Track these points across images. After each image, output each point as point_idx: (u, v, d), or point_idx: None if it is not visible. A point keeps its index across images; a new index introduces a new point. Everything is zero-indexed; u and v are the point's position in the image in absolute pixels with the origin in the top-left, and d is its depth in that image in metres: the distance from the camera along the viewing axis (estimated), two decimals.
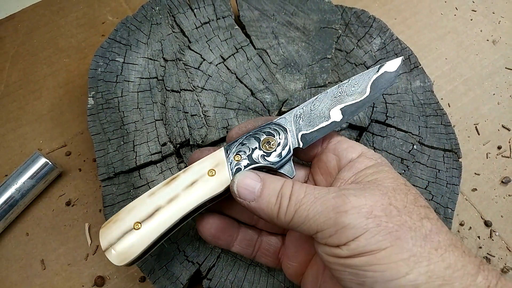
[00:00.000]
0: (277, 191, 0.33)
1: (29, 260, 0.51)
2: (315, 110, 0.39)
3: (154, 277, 0.44)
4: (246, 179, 0.34)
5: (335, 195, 0.30)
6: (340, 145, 0.38)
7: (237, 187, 0.34)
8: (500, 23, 0.68)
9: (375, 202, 0.29)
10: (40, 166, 0.52)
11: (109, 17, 0.67)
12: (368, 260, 0.28)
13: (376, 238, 0.28)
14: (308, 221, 0.31)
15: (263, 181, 0.34)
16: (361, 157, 0.36)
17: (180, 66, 0.53)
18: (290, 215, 0.32)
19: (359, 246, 0.28)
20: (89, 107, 0.51)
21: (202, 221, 0.39)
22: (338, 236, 0.29)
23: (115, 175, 0.48)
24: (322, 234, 0.30)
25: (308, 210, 0.31)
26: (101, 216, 0.53)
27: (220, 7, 0.56)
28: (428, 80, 0.54)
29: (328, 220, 0.29)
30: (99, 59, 0.53)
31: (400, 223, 0.28)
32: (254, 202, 0.34)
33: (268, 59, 0.54)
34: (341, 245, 0.29)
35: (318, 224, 0.30)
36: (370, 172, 0.33)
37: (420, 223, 0.29)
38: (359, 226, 0.28)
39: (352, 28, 0.57)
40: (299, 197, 0.32)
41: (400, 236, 0.28)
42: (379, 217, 0.29)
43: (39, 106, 0.60)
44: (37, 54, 0.64)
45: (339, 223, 0.29)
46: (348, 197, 0.30)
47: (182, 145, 0.50)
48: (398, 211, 0.29)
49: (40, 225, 0.53)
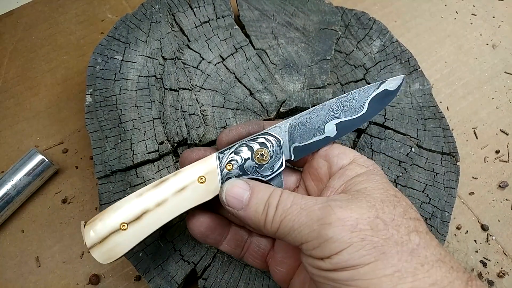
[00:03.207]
0: (265, 201, 0.33)
1: (24, 257, 0.51)
2: (310, 122, 0.38)
3: (149, 276, 0.44)
4: (234, 187, 0.34)
5: (321, 206, 0.30)
6: (332, 151, 0.37)
7: (226, 195, 0.34)
8: (500, 27, 0.68)
9: (361, 214, 0.29)
10: (36, 163, 0.51)
11: (108, 14, 0.67)
12: (351, 275, 0.27)
13: (360, 252, 0.27)
14: (293, 232, 0.30)
15: (251, 190, 0.34)
16: (353, 164, 0.35)
17: (179, 65, 0.53)
18: (276, 225, 0.31)
19: (341, 260, 0.28)
20: (87, 104, 0.50)
21: (192, 219, 0.38)
22: (322, 249, 0.28)
23: (112, 173, 0.47)
24: (306, 246, 0.30)
25: (293, 221, 0.30)
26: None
27: (220, 7, 0.56)
28: (427, 83, 0.54)
29: (312, 232, 0.29)
30: (98, 56, 0.52)
31: (386, 237, 0.28)
32: (242, 211, 0.33)
33: (268, 60, 0.54)
34: (324, 258, 0.29)
35: (303, 235, 0.30)
36: (360, 180, 0.33)
37: (408, 237, 0.28)
38: (342, 240, 0.28)
39: (352, 30, 0.57)
40: (285, 207, 0.31)
41: (385, 250, 0.27)
42: (364, 230, 0.28)
43: (36, 102, 0.60)
44: (35, 51, 0.64)
45: (322, 235, 0.28)
46: (334, 208, 0.29)
47: (180, 144, 0.49)
48: (385, 224, 0.29)
49: (36, 222, 0.53)
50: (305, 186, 0.40)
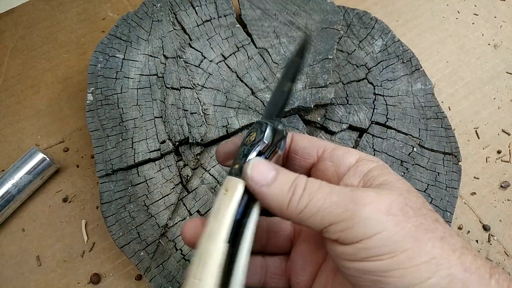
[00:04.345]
0: (291, 180, 0.32)
1: (25, 256, 0.51)
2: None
3: (150, 275, 0.44)
4: (261, 164, 0.33)
5: (353, 189, 0.29)
6: (336, 152, 0.36)
7: (251, 169, 0.32)
8: (501, 27, 0.67)
9: (393, 201, 0.28)
10: (37, 161, 0.51)
11: (109, 13, 0.67)
12: (387, 264, 0.26)
13: (394, 238, 0.26)
14: (322, 211, 0.29)
15: (277, 170, 0.33)
16: (361, 161, 0.35)
17: (180, 64, 0.52)
18: (302, 204, 0.30)
19: (376, 245, 0.26)
20: (88, 103, 0.50)
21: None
22: (354, 230, 0.27)
23: (113, 172, 0.47)
24: (336, 227, 0.28)
25: (324, 200, 0.29)
26: (98, 213, 0.52)
27: (222, 5, 0.56)
28: (429, 83, 0.54)
29: (345, 212, 0.28)
30: (99, 55, 0.52)
31: (417, 223, 0.27)
32: (266, 187, 0.32)
33: (269, 59, 0.53)
34: (355, 242, 0.27)
35: (333, 215, 0.28)
36: (376, 174, 0.32)
37: (434, 226, 0.28)
38: (377, 222, 0.27)
39: (354, 29, 0.57)
40: (314, 187, 0.30)
41: (418, 237, 0.26)
42: (398, 216, 0.27)
43: (37, 101, 0.60)
44: (36, 49, 0.64)
45: (357, 215, 0.27)
46: (365, 191, 0.29)
47: (181, 143, 0.49)
48: (414, 211, 0.28)
49: (36, 221, 0.52)
50: None
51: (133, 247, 0.45)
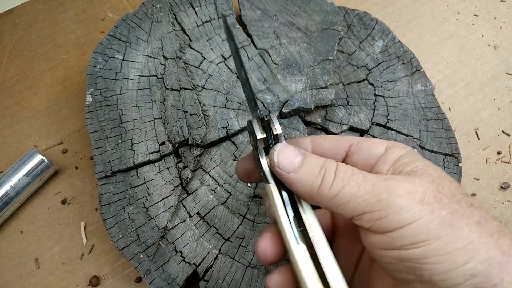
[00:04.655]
0: (320, 165, 0.31)
1: (23, 258, 0.50)
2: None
3: (150, 278, 0.44)
4: (287, 149, 0.32)
5: (386, 178, 0.29)
6: (363, 145, 0.35)
7: (277, 155, 0.32)
8: (501, 28, 0.67)
9: (426, 189, 0.28)
10: (36, 163, 0.51)
11: (109, 13, 0.67)
12: (423, 251, 0.26)
13: (430, 226, 0.26)
14: (356, 199, 0.29)
15: (304, 156, 0.32)
16: (390, 149, 0.34)
17: (180, 65, 0.52)
18: (335, 190, 0.29)
19: (411, 234, 0.27)
20: (87, 104, 0.50)
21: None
22: (389, 220, 0.27)
23: (112, 174, 0.47)
24: (369, 216, 0.28)
25: (358, 188, 0.29)
26: (97, 215, 0.52)
27: (222, 6, 0.56)
28: (429, 84, 0.54)
29: (380, 202, 0.28)
30: (98, 55, 0.52)
31: (451, 210, 0.27)
32: (294, 173, 0.31)
33: (270, 59, 0.53)
34: (388, 231, 0.27)
35: (367, 204, 0.28)
36: (406, 161, 0.31)
37: (470, 211, 0.27)
38: (413, 211, 0.27)
39: (354, 30, 0.57)
40: (347, 174, 0.30)
41: (453, 224, 0.26)
42: (432, 204, 0.27)
43: (36, 102, 0.59)
44: (35, 50, 0.63)
45: (392, 205, 0.27)
46: (399, 181, 0.28)
47: (181, 145, 0.49)
48: (447, 198, 0.28)
49: (35, 223, 0.52)
50: None
51: (133, 249, 0.45)
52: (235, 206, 0.46)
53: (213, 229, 0.45)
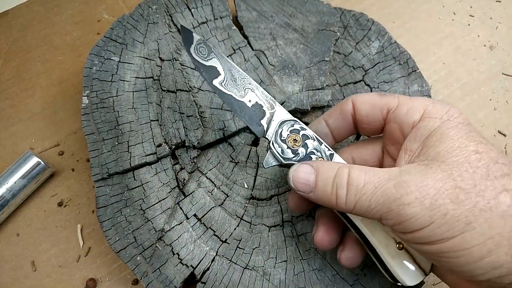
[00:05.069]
0: (331, 180, 0.32)
1: (20, 261, 0.50)
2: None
3: (147, 280, 0.43)
4: (299, 173, 0.34)
5: (396, 183, 0.29)
6: (400, 111, 0.35)
7: (293, 182, 0.34)
8: (497, 28, 0.68)
9: (439, 188, 0.28)
10: (32, 165, 0.51)
11: (105, 15, 0.67)
12: (439, 248, 0.27)
13: (443, 228, 0.27)
14: (370, 210, 0.30)
15: (316, 171, 0.34)
16: (425, 120, 0.33)
17: (176, 66, 0.52)
18: (351, 205, 0.31)
19: (424, 236, 0.28)
20: (83, 106, 0.50)
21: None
22: (403, 226, 0.28)
23: (109, 176, 0.47)
24: (386, 222, 0.30)
25: (370, 201, 0.30)
26: (94, 217, 0.52)
27: (218, 7, 0.56)
28: (425, 85, 0.54)
29: (390, 212, 0.29)
30: (94, 57, 0.52)
31: (469, 207, 0.27)
32: (312, 193, 0.33)
33: (266, 61, 0.53)
34: (407, 232, 0.29)
35: (381, 214, 0.29)
36: (433, 141, 0.31)
37: (496, 201, 0.27)
38: (423, 218, 0.27)
39: (350, 31, 0.57)
40: (358, 187, 0.31)
41: (471, 221, 0.26)
42: (445, 205, 0.27)
43: (32, 104, 0.59)
44: (31, 52, 0.63)
45: (402, 215, 0.28)
46: (410, 185, 0.28)
47: (178, 147, 0.49)
48: (466, 193, 0.27)
49: (31, 225, 0.52)
50: (387, 151, 0.39)
51: (130, 252, 0.44)
52: (232, 207, 0.46)
53: (210, 231, 0.45)
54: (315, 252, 0.45)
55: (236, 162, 0.48)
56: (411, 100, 0.35)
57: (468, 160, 0.29)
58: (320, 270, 0.44)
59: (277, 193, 0.47)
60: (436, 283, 0.50)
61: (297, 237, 0.45)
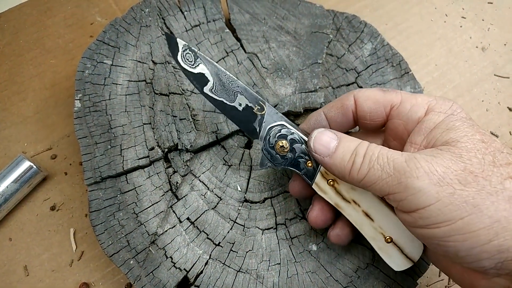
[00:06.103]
0: (352, 149, 0.33)
1: (12, 266, 0.50)
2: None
3: (140, 284, 0.43)
4: (323, 135, 0.35)
5: (408, 158, 0.30)
6: (403, 108, 0.36)
7: (314, 142, 0.35)
8: (489, 30, 0.68)
9: (448, 168, 0.28)
10: (24, 169, 0.50)
11: (97, 18, 0.66)
12: (445, 231, 0.27)
13: (450, 208, 0.27)
14: (380, 181, 0.30)
15: (339, 140, 0.34)
16: (429, 114, 0.34)
17: (169, 69, 0.52)
18: (362, 174, 0.31)
19: (431, 215, 0.27)
20: (76, 109, 0.49)
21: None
22: (409, 201, 0.28)
23: (101, 180, 0.47)
24: (393, 197, 0.30)
25: (381, 171, 0.30)
26: (87, 221, 0.51)
27: (210, 10, 0.56)
28: (418, 86, 0.54)
29: (399, 184, 0.29)
30: (87, 61, 0.52)
31: (477, 189, 0.27)
32: (328, 158, 0.34)
33: (259, 63, 0.53)
34: (412, 211, 0.29)
35: (389, 186, 0.30)
36: (440, 132, 0.32)
37: (502, 186, 0.27)
38: (430, 194, 0.27)
39: (343, 33, 0.57)
40: (373, 157, 0.31)
41: (478, 203, 0.27)
42: (453, 184, 0.27)
43: (24, 107, 0.59)
44: (23, 55, 0.63)
45: (409, 188, 0.28)
46: (420, 161, 0.29)
47: (170, 150, 0.49)
48: (474, 176, 0.28)
49: (24, 230, 0.52)
50: (389, 146, 0.38)
51: (123, 256, 0.44)
52: (225, 211, 0.46)
53: (204, 234, 0.45)
54: (308, 254, 0.45)
55: (229, 165, 0.48)
56: (414, 97, 0.36)
57: (476, 147, 0.29)
58: (314, 273, 0.44)
59: (271, 195, 0.47)
60: (429, 284, 0.50)
61: (291, 239, 0.45)
